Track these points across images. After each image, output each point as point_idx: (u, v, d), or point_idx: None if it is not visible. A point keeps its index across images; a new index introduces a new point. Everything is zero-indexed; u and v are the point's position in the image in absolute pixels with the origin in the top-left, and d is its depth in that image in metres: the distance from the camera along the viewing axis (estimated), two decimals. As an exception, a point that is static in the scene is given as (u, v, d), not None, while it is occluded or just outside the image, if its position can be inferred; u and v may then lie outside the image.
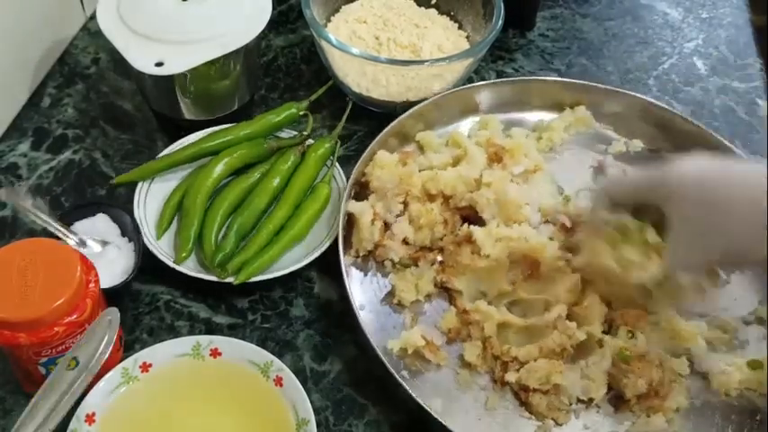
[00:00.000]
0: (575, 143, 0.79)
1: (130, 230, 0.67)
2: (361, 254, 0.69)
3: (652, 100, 0.79)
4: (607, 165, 0.74)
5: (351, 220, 0.69)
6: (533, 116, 0.81)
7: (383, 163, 0.70)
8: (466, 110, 0.80)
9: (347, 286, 0.63)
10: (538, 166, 0.75)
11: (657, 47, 0.94)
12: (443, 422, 0.57)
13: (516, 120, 0.81)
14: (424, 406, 0.58)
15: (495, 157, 0.74)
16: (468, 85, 0.80)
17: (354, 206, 0.68)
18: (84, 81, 0.83)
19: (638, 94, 0.80)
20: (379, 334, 0.64)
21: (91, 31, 0.88)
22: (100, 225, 0.67)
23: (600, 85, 0.81)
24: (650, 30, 0.96)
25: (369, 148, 0.72)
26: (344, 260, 0.65)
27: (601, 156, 0.78)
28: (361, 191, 0.71)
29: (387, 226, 0.69)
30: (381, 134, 0.73)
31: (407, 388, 0.58)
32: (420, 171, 0.72)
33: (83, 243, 0.64)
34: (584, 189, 0.74)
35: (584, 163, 0.78)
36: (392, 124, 0.74)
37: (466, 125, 0.80)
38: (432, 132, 0.78)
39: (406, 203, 0.70)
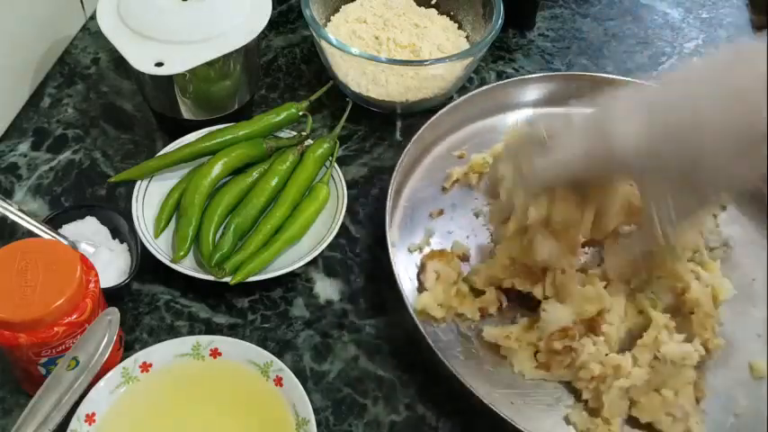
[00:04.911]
0: None
1: (123, 232, 0.66)
2: None
3: None
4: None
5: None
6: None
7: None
8: (509, 105, 0.81)
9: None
10: None
11: (657, 47, 0.94)
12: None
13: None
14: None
15: None
16: (514, 79, 0.81)
17: None
18: (84, 81, 0.83)
19: None
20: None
21: (91, 31, 0.88)
22: (89, 228, 0.66)
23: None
24: (650, 30, 0.96)
25: (409, 144, 0.72)
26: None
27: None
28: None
29: None
30: (419, 131, 0.73)
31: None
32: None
33: (73, 246, 0.64)
34: None
35: None
36: (431, 120, 0.74)
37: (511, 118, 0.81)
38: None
39: None
